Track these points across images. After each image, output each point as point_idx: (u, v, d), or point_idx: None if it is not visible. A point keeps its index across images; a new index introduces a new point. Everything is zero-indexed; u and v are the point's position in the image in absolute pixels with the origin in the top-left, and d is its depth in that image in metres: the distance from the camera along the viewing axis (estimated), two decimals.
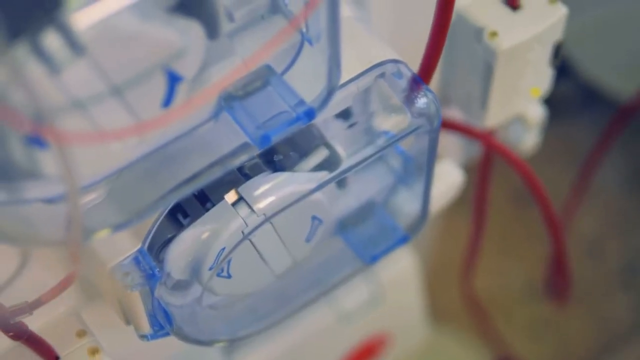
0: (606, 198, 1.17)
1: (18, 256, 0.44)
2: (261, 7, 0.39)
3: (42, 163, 0.34)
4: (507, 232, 1.15)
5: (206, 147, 0.40)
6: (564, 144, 1.19)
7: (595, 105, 1.18)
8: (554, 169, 1.15)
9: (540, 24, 0.52)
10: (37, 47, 0.31)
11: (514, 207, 1.16)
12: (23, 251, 0.44)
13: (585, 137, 1.16)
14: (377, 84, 0.46)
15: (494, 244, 1.11)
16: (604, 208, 1.17)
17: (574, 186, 0.98)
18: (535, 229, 0.76)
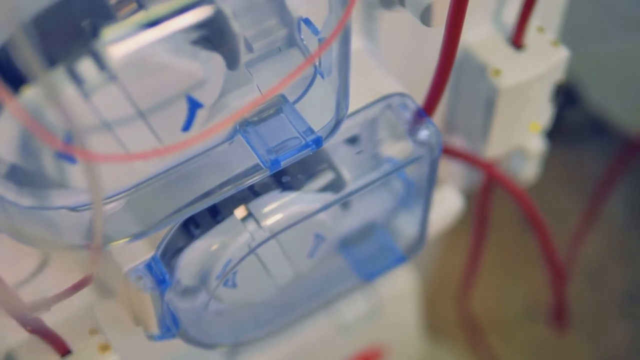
0: (611, 227, 1.19)
1: (39, 255, 0.48)
2: (279, 40, 0.43)
3: (70, 175, 0.37)
4: (509, 253, 1.17)
5: (220, 166, 0.43)
6: (573, 171, 1.22)
7: (605, 134, 1.21)
8: (562, 195, 1.18)
9: (542, 65, 0.55)
10: (72, 72, 0.34)
11: (517, 228, 1.18)
12: (43, 252, 0.47)
13: (595, 165, 1.18)
14: (384, 114, 0.49)
15: (495, 265, 1.14)
16: (608, 236, 1.19)
17: (583, 215, 1.00)
18: (537, 251, 0.79)
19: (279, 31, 0.42)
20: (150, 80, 0.36)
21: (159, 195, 0.43)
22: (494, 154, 0.60)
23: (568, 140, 1.21)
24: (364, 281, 0.58)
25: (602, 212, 1.09)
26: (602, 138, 1.22)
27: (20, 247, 0.42)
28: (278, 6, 0.41)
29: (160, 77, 0.36)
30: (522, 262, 1.17)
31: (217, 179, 0.43)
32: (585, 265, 1.17)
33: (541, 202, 0.66)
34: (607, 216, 1.17)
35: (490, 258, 0.82)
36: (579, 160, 1.22)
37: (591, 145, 1.23)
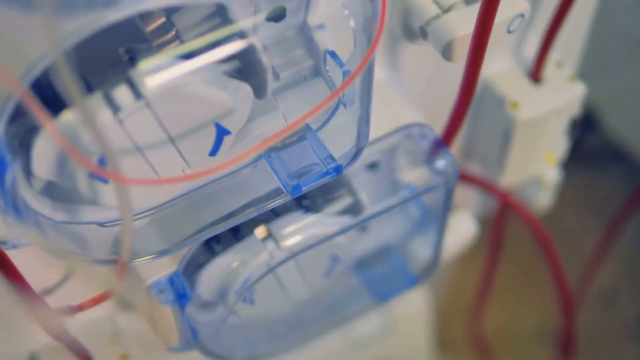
0: (625, 252, 1.20)
1: (65, 266, 0.49)
2: (305, 70, 0.44)
3: (102, 194, 0.39)
4: (522, 275, 1.18)
5: (244, 189, 0.45)
6: (591, 196, 1.23)
7: (623, 161, 1.22)
8: (579, 220, 1.19)
9: (559, 99, 0.56)
10: (108, 98, 0.36)
11: (531, 251, 1.19)
12: (70, 265, 0.49)
13: (612, 191, 1.20)
14: (403, 142, 0.51)
15: (507, 286, 1.15)
16: (622, 261, 1.20)
17: (599, 241, 1.01)
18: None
19: (305, 62, 0.43)
20: (181, 108, 0.38)
21: (184, 214, 0.44)
22: (510, 183, 0.62)
23: (586, 165, 1.22)
24: (378, 301, 0.60)
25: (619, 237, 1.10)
26: (620, 165, 1.23)
27: (48, 258, 0.44)
28: (306, 38, 0.42)
29: (191, 105, 0.38)
30: (535, 284, 1.18)
31: (240, 200, 0.45)
32: (598, 290, 1.18)
33: (558, 225, 0.68)
34: (621, 242, 1.18)
35: (503, 279, 0.84)
36: (596, 185, 1.24)
37: (609, 171, 1.24)
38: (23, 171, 0.38)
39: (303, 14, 0.40)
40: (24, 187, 0.39)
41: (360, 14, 0.39)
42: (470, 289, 0.91)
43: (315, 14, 0.40)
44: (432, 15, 0.47)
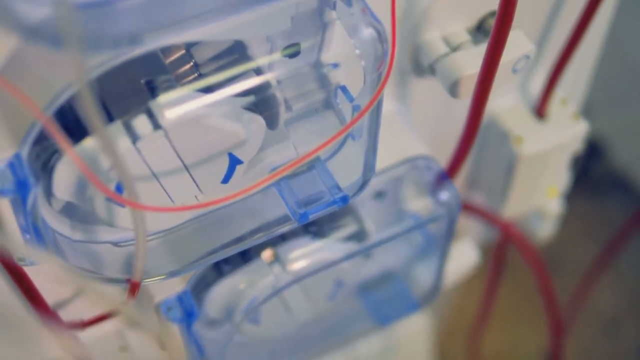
0: (628, 279, 1.21)
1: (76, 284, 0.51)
2: (316, 103, 0.46)
3: (118, 217, 0.41)
4: (523, 300, 1.19)
5: (253, 213, 0.47)
6: (594, 223, 1.24)
7: (627, 190, 1.23)
8: (583, 246, 1.20)
9: (562, 136, 0.58)
10: (128, 127, 0.38)
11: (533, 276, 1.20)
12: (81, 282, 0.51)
13: (615, 218, 1.21)
14: (409, 173, 0.53)
15: (508, 310, 1.16)
16: (625, 289, 1.21)
17: (595, 262, 1.03)
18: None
19: (317, 95, 0.45)
20: (197, 139, 0.39)
21: (195, 237, 0.46)
22: (513, 214, 0.64)
23: (591, 194, 1.24)
24: (379, 325, 0.62)
25: (620, 264, 1.12)
26: (625, 194, 1.24)
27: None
28: (319, 74, 0.44)
29: (206, 136, 0.40)
30: (535, 309, 1.18)
31: (249, 225, 0.47)
32: (601, 316, 1.19)
33: (561, 252, 0.69)
34: (625, 268, 1.19)
35: (504, 304, 0.85)
36: (600, 214, 1.25)
37: (613, 200, 1.26)
38: (44, 192, 0.40)
39: (317, 52, 0.42)
40: (44, 207, 0.40)
41: (370, 54, 0.41)
42: (471, 311, 0.92)
43: (328, 52, 0.42)
44: (441, 54, 0.49)
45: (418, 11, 0.49)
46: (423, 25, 0.49)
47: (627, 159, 1.18)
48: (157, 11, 0.34)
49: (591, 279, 1.05)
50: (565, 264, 1.06)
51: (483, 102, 0.48)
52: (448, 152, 0.54)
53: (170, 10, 0.35)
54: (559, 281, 0.72)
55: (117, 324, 0.56)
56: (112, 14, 0.34)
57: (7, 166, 0.38)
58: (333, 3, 0.41)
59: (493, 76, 0.46)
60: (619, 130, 1.13)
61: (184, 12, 0.35)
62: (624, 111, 1.10)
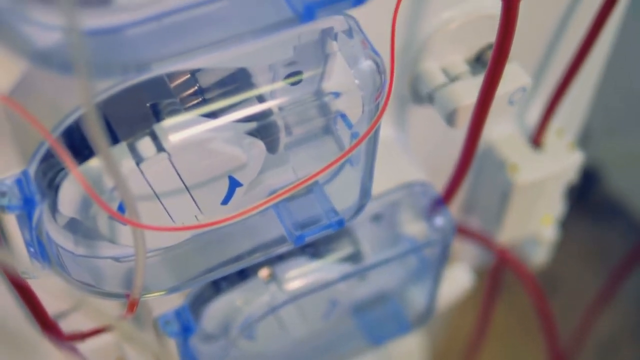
0: (628, 305, 1.22)
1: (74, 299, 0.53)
2: (316, 128, 0.47)
3: (120, 234, 0.43)
4: (518, 324, 1.20)
5: (251, 233, 0.48)
6: (593, 248, 1.25)
7: (625, 217, 1.24)
8: (581, 271, 1.21)
9: (557, 166, 0.60)
10: (133, 149, 0.40)
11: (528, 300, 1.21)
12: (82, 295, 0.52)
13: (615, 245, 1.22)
14: (406, 198, 0.54)
15: (503, 334, 1.17)
16: (624, 315, 1.22)
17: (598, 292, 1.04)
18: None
19: (317, 121, 0.47)
20: (199, 162, 0.41)
21: (195, 254, 0.48)
22: (508, 239, 0.65)
23: (589, 220, 1.25)
24: (373, 344, 0.63)
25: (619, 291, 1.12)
26: (622, 221, 1.25)
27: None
28: (320, 101, 0.45)
29: (208, 160, 0.41)
30: (530, 334, 1.19)
31: (247, 245, 0.48)
32: (598, 343, 1.19)
33: (558, 277, 0.70)
34: (623, 295, 1.20)
35: (499, 328, 0.86)
36: (598, 239, 1.26)
37: (611, 226, 1.27)
38: (50, 208, 0.41)
39: (318, 81, 0.43)
40: (49, 222, 0.42)
41: (369, 85, 0.42)
42: (467, 332, 0.93)
43: (329, 80, 0.43)
44: (439, 83, 0.51)
45: (418, 41, 0.50)
46: (423, 55, 0.51)
47: (625, 186, 1.19)
48: (165, 40, 0.36)
49: (592, 309, 1.06)
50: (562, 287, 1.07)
51: (478, 132, 0.49)
52: (445, 178, 0.55)
53: (178, 39, 0.36)
54: (555, 305, 0.73)
55: (115, 335, 0.58)
56: (120, 42, 0.35)
57: (14, 183, 0.40)
58: (335, 34, 0.42)
59: (489, 107, 0.48)
60: (618, 157, 1.14)
61: (191, 42, 0.36)
62: (623, 138, 1.11)
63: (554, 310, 0.71)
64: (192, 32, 0.36)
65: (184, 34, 0.36)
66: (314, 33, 0.42)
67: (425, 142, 0.58)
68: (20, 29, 0.33)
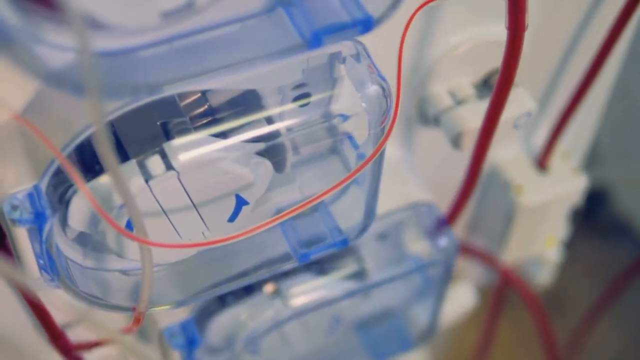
0: (630, 322, 1.22)
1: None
2: (323, 148, 0.48)
3: (127, 249, 0.44)
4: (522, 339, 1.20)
5: (257, 250, 0.49)
6: (600, 268, 1.26)
7: (635, 236, 1.25)
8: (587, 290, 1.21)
9: (562, 189, 0.60)
10: (142, 166, 0.40)
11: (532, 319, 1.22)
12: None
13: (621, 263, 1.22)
14: (411, 217, 0.55)
15: (508, 350, 1.17)
16: (626, 331, 1.22)
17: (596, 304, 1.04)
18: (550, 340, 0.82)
19: (324, 142, 0.47)
20: (207, 181, 0.42)
21: (201, 269, 0.48)
22: (512, 260, 0.66)
23: (597, 238, 1.25)
24: None
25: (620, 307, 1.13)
26: (629, 239, 1.26)
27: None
28: (327, 123, 0.46)
29: (216, 178, 0.42)
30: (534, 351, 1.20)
31: (252, 261, 0.49)
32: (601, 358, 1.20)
33: (564, 294, 0.70)
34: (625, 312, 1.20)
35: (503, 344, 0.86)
36: (605, 258, 1.26)
37: (619, 245, 1.27)
38: (60, 222, 0.42)
39: (326, 103, 0.44)
40: (59, 235, 0.43)
41: (375, 109, 0.43)
42: (470, 350, 0.94)
43: (337, 103, 0.44)
44: (445, 106, 0.51)
45: (426, 64, 0.51)
46: (430, 77, 0.52)
47: (633, 207, 1.19)
48: (176, 63, 0.37)
49: (592, 320, 1.06)
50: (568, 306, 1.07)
51: (483, 155, 0.50)
52: (450, 198, 0.56)
53: (189, 62, 0.37)
54: (561, 322, 0.73)
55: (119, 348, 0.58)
56: (132, 63, 0.36)
57: (26, 197, 0.41)
58: (343, 58, 0.43)
59: (494, 132, 0.48)
60: (627, 178, 1.15)
61: (202, 65, 0.37)
62: (632, 159, 1.12)
63: (560, 327, 0.72)
64: (203, 55, 0.37)
65: (195, 57, 0.37)
66: (323, 57, 0.43)
67: (431, 163, 0.59)
68: (33, 49, 0.34)
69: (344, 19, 0.37)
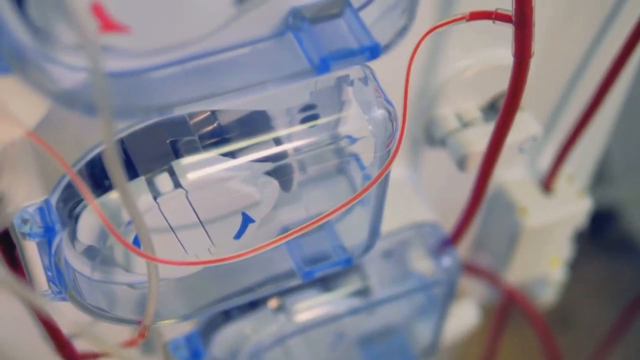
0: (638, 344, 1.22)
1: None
2: (330, 167, 0.49)
3: (134, 264, 0.44)
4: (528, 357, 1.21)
5: (262, 266, 0.50)
6: (608, 285, 1.26)
7: None
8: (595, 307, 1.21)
9: (566, 211, 0.61)
10: (151, 184, 0.41)
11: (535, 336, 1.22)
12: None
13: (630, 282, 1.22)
14: (415, 237, 0.56)
15: None
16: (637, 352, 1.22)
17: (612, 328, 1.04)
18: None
19: (331, 161, 0.48)
20: (214, 199, 0.42)
21: (207, 284, 0.49)
22: (516, 279, 0.66)
23: (606, 254, 1.25)
24: None
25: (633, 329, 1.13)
26: (637, 257, 1.26)
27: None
28: (335, 145, 0.47)
29: (223, 197, 0.43)
30: None
31: (257, 277, 0.50)
32: None
33: (571, 312, 0.70)
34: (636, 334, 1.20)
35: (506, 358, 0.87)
36: (614, 275, 1.26)
37: (627, 262, 1.27)
38: (69, 235, 0.43)
39: (334, 125, 0.44)
40: (68, 248, 0.44)
41: (381, 132, 0.43)
42: None
43: (344, 125, 0.45)
44: (452, 128, 0.52)
45: (434, 87, 0.52)
46: (438, 100, 0.52)
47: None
48: (187, 85, 0.37)
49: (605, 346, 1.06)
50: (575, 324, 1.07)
51: (487, 178, 0.50)
52: (455, 218, 0.56)
53: (201, 85, 0.37)
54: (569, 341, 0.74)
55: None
56: (144, 84, 0.37)
57: (36, 210, 0.41)
58: (351, 81, 0.44)
59: (498, 155, 0.49)
60: (636, 196, 1.15)
61: (213, 87, 0.37)
62: None
63: (567, 343, 0.72)
64: (214, 77, 0.38)
65: (206, 79, 0.38)
66: (330, 79, 0.43)
67: (436, 183, 0.60)
68: (45, 69, 0.34)
69: (351, 46, 0.38)
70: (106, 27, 0.34)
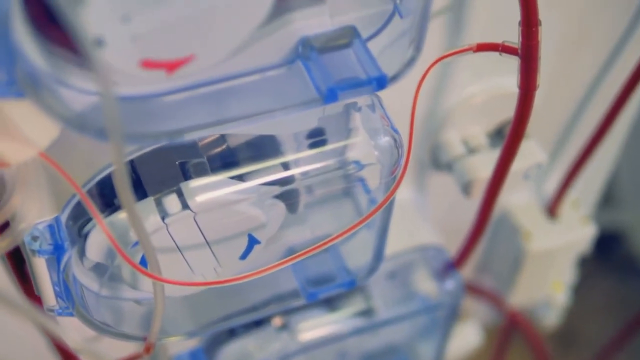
0: None
1: None
2: (337, 191, 0.50)
3: (141, 282, 0.45)
4: None
5: (266, 286, 0.51)
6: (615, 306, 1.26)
7: None
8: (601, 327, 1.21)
9: (570, 237, 0.61)
10: (159, 204, 0.42)
11: None
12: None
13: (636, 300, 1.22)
14: (420, 259, 0.56)
15: None
16: None
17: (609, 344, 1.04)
18: None
19: (337, 185, 0.49)
20: (221, 221, 0.43)
21: (212, 302, 0.50)
22: (519, 302, 0.67)
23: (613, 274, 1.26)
24: None
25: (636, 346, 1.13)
26: None
27: None
28: (342, 170, 0.47)
29: (229, 219, 0.43)
30: None
31: (262, 296, 0.50)
32: None
33: (578, 332, 0.71)
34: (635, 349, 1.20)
35: None
36: (621, 296, 1.27)
37: (635, 284, 1.27)
38: (78, 252, 0.44)
39: (341, 151, 0.45)
40: (76, 264, 0.44)
41: (387, 159, 0.44)
42: None
43: (351, 151, 0.45)
44: (458, 154, 0.53)
45: (441, 112, 0.52)
46: (445, 125, 0.53)
47: None
48: (197, 111, 0.38)
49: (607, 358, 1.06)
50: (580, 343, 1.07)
51: (492, 204, 0.51)
52: (459, 241, 0.57)
53: (210, 110, 0.38)
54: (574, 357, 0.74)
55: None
56: (154, 109, 0.37)
57: (46, 228, 0.42)
58: (359, 107, 0.44)
59: (503, 182, 0.49)
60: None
61: (223, 113, 0.38)
62: None
63: None
64: (224, 103, 0.39)
65: (216, 105, 0.38)
66: (339, 106, 0.44)
67: (442, 206, 0.60)
68: (57, 92, 0.35)
69: (359, 76, 0.39)
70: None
